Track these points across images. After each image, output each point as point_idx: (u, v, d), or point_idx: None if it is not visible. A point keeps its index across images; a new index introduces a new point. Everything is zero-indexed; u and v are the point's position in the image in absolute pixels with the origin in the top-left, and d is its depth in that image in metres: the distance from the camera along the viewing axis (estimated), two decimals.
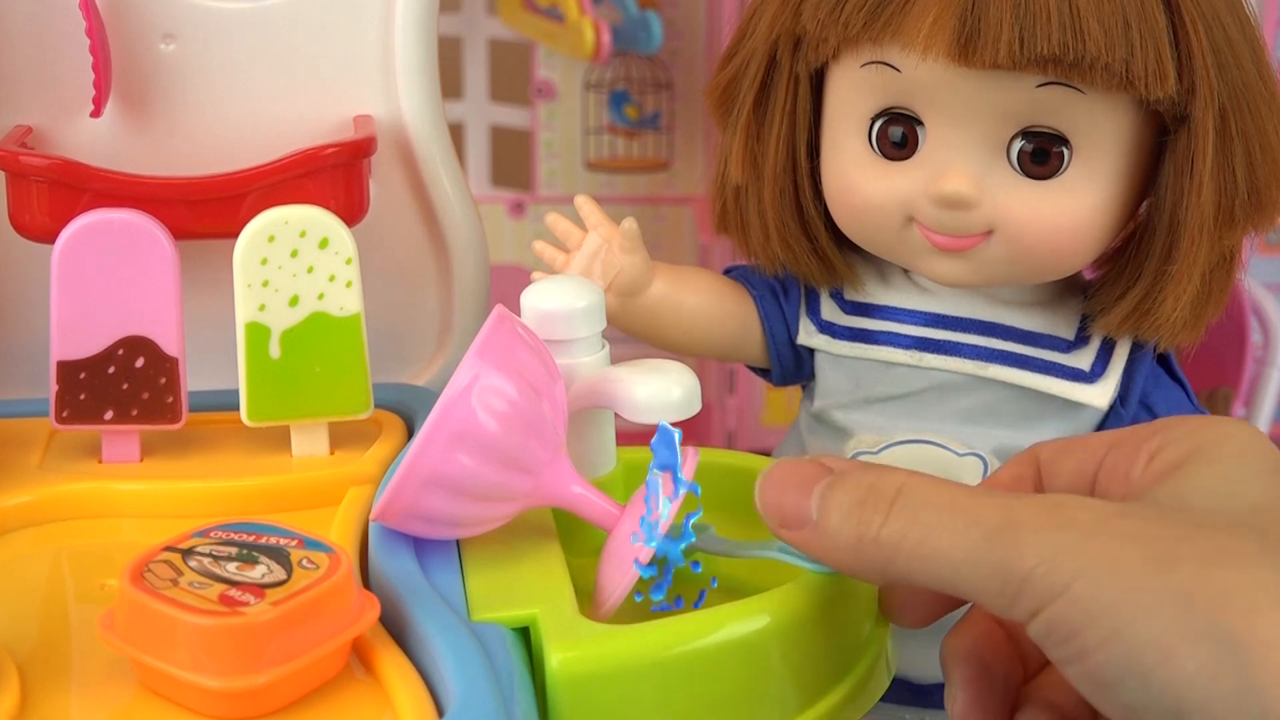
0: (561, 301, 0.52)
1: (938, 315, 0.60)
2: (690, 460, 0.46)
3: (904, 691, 0.61)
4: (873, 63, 0.55)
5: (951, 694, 0.45)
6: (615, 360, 0.53)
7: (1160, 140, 0.56)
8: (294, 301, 0.55)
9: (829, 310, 0.61)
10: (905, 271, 0.61)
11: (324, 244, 0.55)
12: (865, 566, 0.41)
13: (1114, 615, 0.37)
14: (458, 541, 0.49)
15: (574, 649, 0.43)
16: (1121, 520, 0.38)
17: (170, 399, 0.56)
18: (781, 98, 0.59)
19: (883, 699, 0.50)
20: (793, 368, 0.63)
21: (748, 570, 0.53)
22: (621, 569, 0.46)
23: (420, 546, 0.48)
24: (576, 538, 0.51)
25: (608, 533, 0.48)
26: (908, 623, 0.47)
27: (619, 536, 0.47)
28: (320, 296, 0.56)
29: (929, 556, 0.39)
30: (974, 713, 0.44)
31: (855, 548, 0.41)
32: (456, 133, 1.13)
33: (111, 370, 0.56)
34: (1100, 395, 0.58)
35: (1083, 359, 0.58)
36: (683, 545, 0.46)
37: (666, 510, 0.45)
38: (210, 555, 0.43)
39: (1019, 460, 0.46)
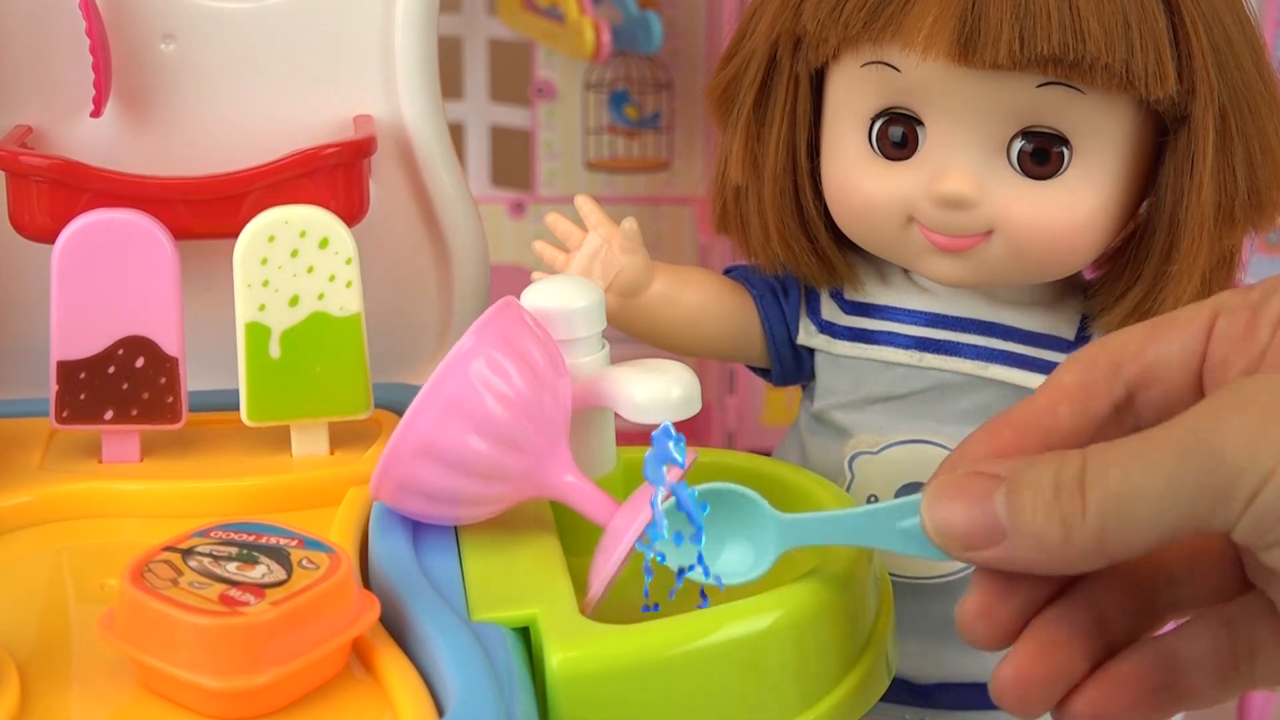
0: (561, 301, 0.52)
1: (938, 315, 0.60)
2: (687, 459, 0.46)
3: (904, 691, 0.61)
4: (873, 63, 0.55)
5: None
6: (615, 360, 0.53)
7: (1160, 140, 0.56)
8: (294, 301, 0.55)
9: (829, 310, 0.61)
10: (905, 271, 0.61)
11: (324, 244, 0.55)
12: (1079, 558, 0.38)
13: None
14: (458, 541, 0.49)
15: (574, 649, 0.43)
16: None
17: (170, 399, 0.56)
18: (781, 97, 0.59)
19: (883, 699, 0.49)
20: (793, 368, 0.63)
21: None
22: (605, 559, 0.46)
23: (420, 546, 0.48)
24: (576, 537, 0.51)
25: (603, 528, 0.48)
26: (991, 644, 0.42)
27: (613, 532, 0.47)
28: (320, 296, 0.56)
29: (1135, 508, 0.37)
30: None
31: (1065, 544, 0.38)
32: (456, 133, 1.13)
33: (111, 370, 0.56)
34: None
35: None
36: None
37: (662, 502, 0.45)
38: (210, 555, 0.43)
39: (1080, 364, 0.41)
